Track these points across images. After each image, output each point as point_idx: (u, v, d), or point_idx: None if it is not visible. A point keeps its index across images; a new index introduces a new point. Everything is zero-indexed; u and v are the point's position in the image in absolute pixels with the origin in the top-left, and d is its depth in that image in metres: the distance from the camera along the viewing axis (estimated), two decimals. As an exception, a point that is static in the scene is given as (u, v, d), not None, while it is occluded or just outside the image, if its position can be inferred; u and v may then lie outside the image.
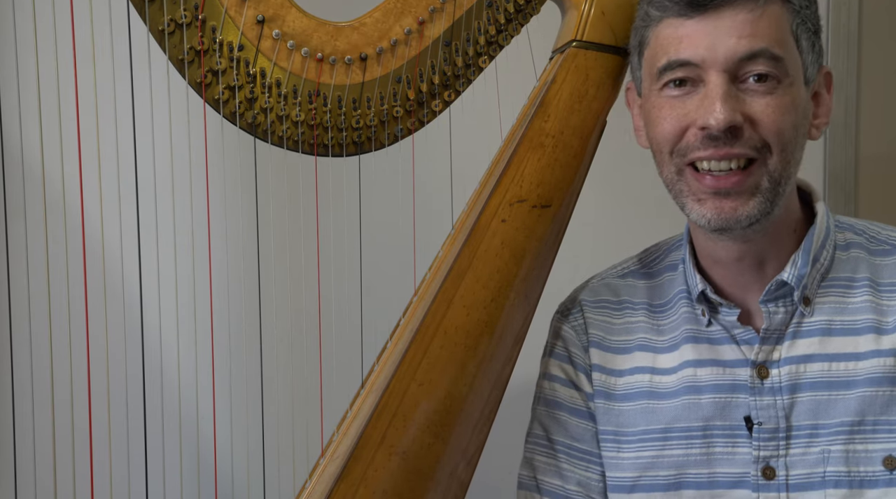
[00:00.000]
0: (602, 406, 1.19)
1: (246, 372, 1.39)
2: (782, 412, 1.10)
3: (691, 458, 1.13)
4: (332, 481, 1.09)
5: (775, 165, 1.06)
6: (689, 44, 1.06)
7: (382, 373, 1.14)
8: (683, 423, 1.14)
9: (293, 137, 1.17)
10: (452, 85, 1.23)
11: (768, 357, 1.12)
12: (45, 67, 1.13)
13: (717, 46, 1.05)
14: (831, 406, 1.10)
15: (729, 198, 1.07)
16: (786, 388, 1.11)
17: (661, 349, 1.18)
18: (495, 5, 1.23)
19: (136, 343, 1.28)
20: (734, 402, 1.12)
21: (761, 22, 1.05)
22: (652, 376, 1.17)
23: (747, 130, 1.05)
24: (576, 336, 1.22)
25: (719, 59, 1.05)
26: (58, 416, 1.23)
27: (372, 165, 1.21)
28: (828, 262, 1.14)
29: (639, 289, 1.23)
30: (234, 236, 1.40)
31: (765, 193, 1.07)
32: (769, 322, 1.12)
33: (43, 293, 1.30)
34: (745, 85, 1.06)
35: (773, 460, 1.10)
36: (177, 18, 1.11)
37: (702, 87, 1.07)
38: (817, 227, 1.13)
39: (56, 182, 1.20)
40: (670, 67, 1.08)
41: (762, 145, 1.06)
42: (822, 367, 1.11)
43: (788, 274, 1.11)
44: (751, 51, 1.04)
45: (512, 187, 1.20)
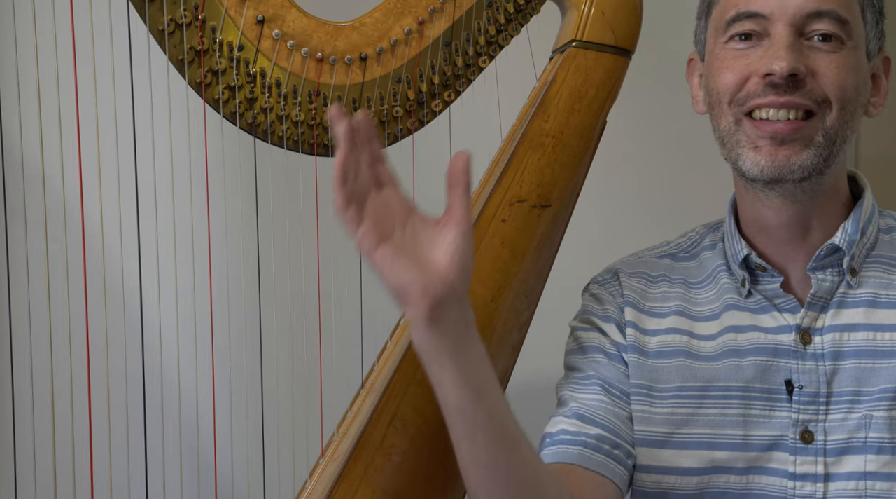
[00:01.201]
0: (634, 360, 1.18)
1: (246, 372, 1.39)
2: (824, 378, 1.10)
3: (728, 418, 1.13)
4: (332, 482, 1.09)
5: (833, 121, 1.08)
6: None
7: (382, 373, 1.14)
8: (722, 383, 1.14)
9: (293, 137, 1.17)
10: (452, 85, 1.23)
11: (812, 324, 1.12)
12: (44, 67, 1.13)
13: (787, 1, 1.07)
14: (875, 374, 1.10)
15: (784, 145, 1.08)
16: (829, 354, 1.11)
17: (700, 318, 1.18)
18: (495, 5, 1.23)
19: (136, 343, 1.28)
20: (775, 365, 1.12)
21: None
22: (690, 339, 1.17)
23: (809, 82, 1.07)
24: (612, 298, 1.22)
25: (788, 13, 1.07)
26: (58, 416, 1.22)
27: (372, 165, 1.21)
28: (873, 238, 1.15)
29: (676, 269, 1.23)
30: (234, 236, 1.39)
31: (819, 147, 1.08)
32: (817, 288, 1.12)
33: (43, 293, 1.30)
34: (809, 42, 1.08)
35: (811, 424, 1.10)
36: (177, 18, 1.11)
37: (767, 41, 1.08)
38: (865, 201, 1.15)
39: (56, 182, 1.20)
40: (738, 19, 1.10)
41: (823, 100, 1.07)
42: (866, 336, 1.11)
43: (840, 239, 1.11)
44: (819, 8, 1.07)
45: (512, 187, 1.20)
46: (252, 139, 1.16)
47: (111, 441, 1.25)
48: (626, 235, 1.81)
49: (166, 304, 1.40)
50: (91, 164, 1.15)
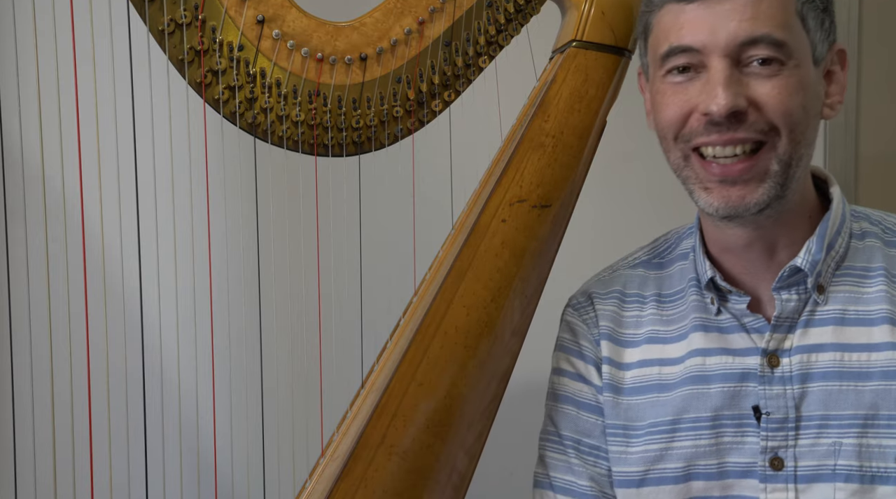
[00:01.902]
0: (610, 400, 1.17)
1: (246, 372, 1.39)
2: (792, 402, 1.09)
3: (700, 449, 1.12)
4: (332, 481, 1.09)
5: (785, 147, 1.05)
6: (690, 29, 1.05)
7: (382, 373, 1.14)
8: (692, 414, 1.12)
9: (293, 137, 1.17)
10: (452, 85, 1.23)
11: (779, 345, 1.10)
12: (45, 67, 1.13)
13: (718, 31, 1.03)
14: (843, 397, 1.08)
15: (736, 186, 1.05)
16: (797, 377, 1.09)
17: (670, 339, 1.17)
18: (495, 5, 1.23)
19: (136, 343, 1.28)
20: (743, 391, 1.11)
21: (762, 4, 1.03)
22: (661, 368, 1.16)
23: (752, 115, 1.04)
24: (587, 329, 1.21)
25: (720, 44, 1.03)
26: (58, 416, 1.22)
27: (372, 165, 1.21)
28: (843, 250, 1.12)
29: (650, 280, 1.21)
30: (234, 236, 1.40)
31: (775, 177, 1.05)
32: (781, 309, 1.10)
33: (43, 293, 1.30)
34: (748, 69, 1.04)
35: (781, 450, 1.09)
36: (177, 18, 1.11)
37: (704, 73, 1.05)
38: (833, 212, 1.11)
39: (56, 182, 1.20)
40: (672, 54, 1.07)
41: (769, 128, 1.04)
42: (834, 356, 1.08)
43: (802, 260, 1.08)
44: (752, 35, 1.03)
45: (512, 187, 1.20)
46: (252, 139, 1.16)
47: (111, 440, 1.25)
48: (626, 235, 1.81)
49: (166, 304, 1.40)
50: (91, 164, 1.15)
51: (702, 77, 1.05)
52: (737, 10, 1.03)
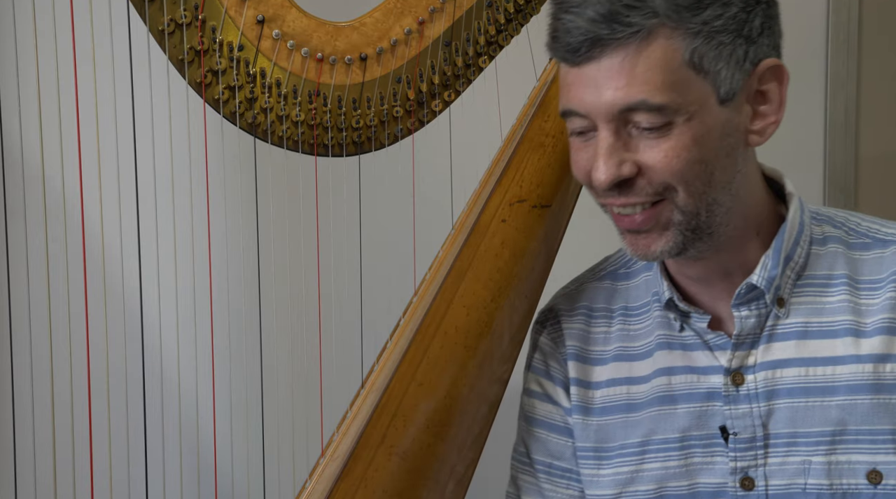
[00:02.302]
0: (580, 422, 1.16)
1: (246, 372, 1.39)
2: (759, 420, 1.07)
3: (670, 471, 1.10)
4: (333, 481, 1.09)
5: (684, 200, 1.01)
6: (575, 94, 1.01)
7: (382, 373, 1.14)
8: (660, 435, 1.11)
9: (293, 137, 1.17)
10: (452, 85, 1.23)
11: (743, 363, 1.08)
12: (44, 67, 1.13)
13: (597, 99, 0.99)
14: (810, 414, 1.06)
15: (641, 235, 1.04)
16: (762, 394, 1.07)
17: (636, 356, 1.15)
18: (495, 5, 1.23)
19: (136, 343, 1.28)
20: (710, 410, 1.09)
21: (638, 69, 0.97)
22: (629, 388, 1.14)
23: (641, 180, 1.00)
24: (554, 348, 1.19)
25: (601, 112, 0.99)
26: (58, 416, 1.22)
27: (372, 165, 1.21)
28: (803, 259, 1.09)
29: (617, 292, 1.19)
30: (234, 236, 1.40)
31: (679, 226, 1.02)
32: (741, 327, 1.08)
33: (43, 293, 1.30)
34: (636, 130, 1.00)
35: (751, 470, 1.07)
36: (177, 18, 1.11)
37: (596, 134, 1.02)
38: (789, 223, 1.08)
39: (56, 182, 1.20)
40: (566, 116, 1.04)
41: (664, 188, 1.01)
42: (798, 372, 1.06)
43: (758, 277, 1.06)
44: (627, 104, 0.98)
45: (512, 187, 1.20)
46: (252, 139, 1.16)
47: (111, 440, 1.25)
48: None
49: (166, 304, 1.40)
50: (91, 164, 1.15)
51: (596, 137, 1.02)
52: (612, 78, 0.98)
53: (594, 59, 0.99)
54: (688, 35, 0.98)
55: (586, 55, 0.99)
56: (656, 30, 0.97)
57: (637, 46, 0.97)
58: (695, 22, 0.98)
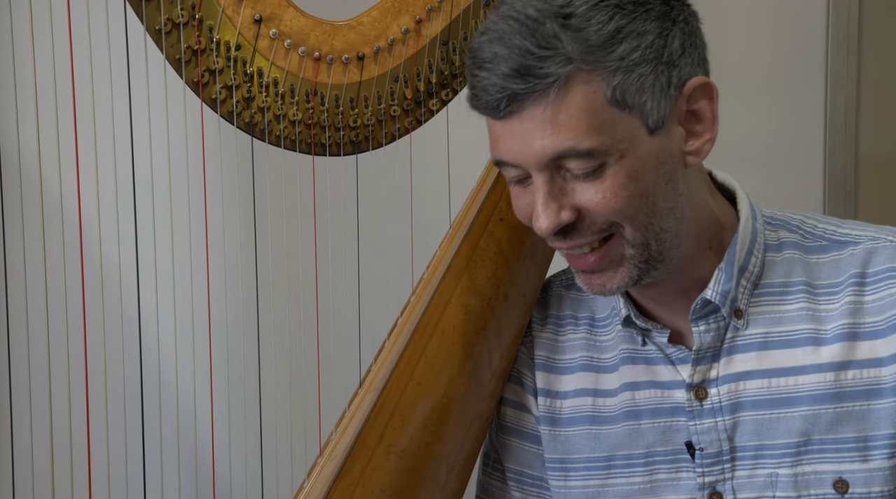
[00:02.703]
0: (547, 433, 1.15)
1: (244, 371, 1.39)
2: (724, 434, 1.06)
3: (635, 487, 1.10)
4: (330, 481, 1.09)
5: (631, 234, 1.00)
6: (504, 146, 1.00)
7: (380, 372, 1.14)
8: (624, 450, 1.10)
9: (290, 137, 1.17)
10: (450, 84, 1.22)
11: (705, 377, 1.07)
12: (41, 67, 1.13)
13: (525, 150, 0.98)
14: (774, 425, 1.05)
15: (595, 274, 1.03)
16: (726, 408, 1.06)
17: (603, 368, 1.14)
18: (492, 4, 1.23)
19: (134, 343, 1.28)
20: (674, 426, 1.08)
21: (561, 117, 0.95)
22: (595, 399, 1.14)
23: (583, 221, 1.00)
24: (526, 353, 1.19)
25: (532, 162, 0.98)
26: (55, 418, 1.22)
27: (369, 165, 1.21)
28: (758, 268, 1.08)
29: (584, 301, 1.18)
30: (232, 236, 1.40)
31: (632, 260, 1.01)
32: (700, 342, 1.07)
33: (40, 295, 1.30)
34: (570, 174, 0.99)
35: (719, 484, 1.06)
36: (174, 18, 1.11)
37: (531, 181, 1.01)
38: (740, 234, 1.06)
39: (53, 183, 1.20)
40: (499, 166, 1.04)
41: (608, 225, 1.00)
42: (760, 384, 1.06)
43: (712, 292, 1.05)
44: (556, 152, 0.96)
45: (510, 186, 1.20)
46: (249, 138, 1.16)
47: (109, 441, 1.25)
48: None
49: (163, 303, 1.40)
50: (88, 163, 1.15)
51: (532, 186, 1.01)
52: (536, 128, 0.96)
53: (515, 114, 0.97)
54: (606, 74, 0.96)
55: (507, 111, 0.97)
56: (573, 75, 0.95)
57: (556, 95, 0.95)
58: (611, 60, 0.96)
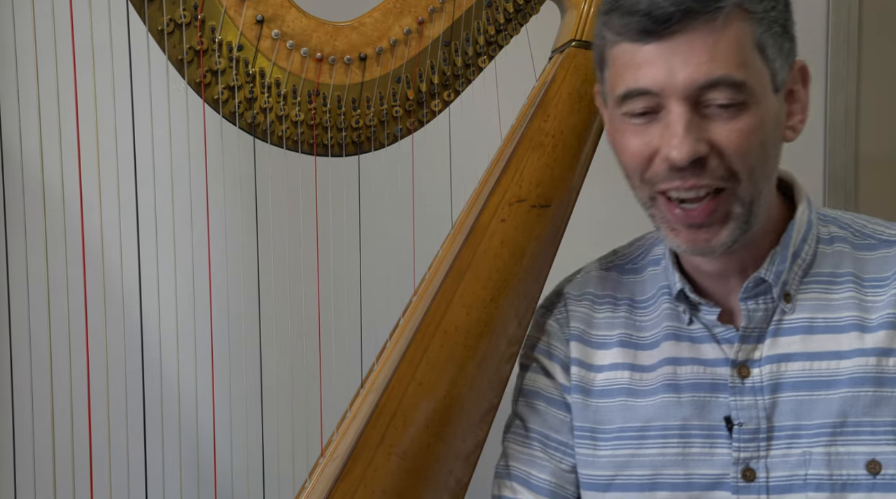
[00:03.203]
0: (579, 402, 1.16)
1: (245, 372, 1.39)
2: (763, 413, 1.08)
3: (667, 458, 1.11)
4: (332, 481, 1.09)
5: (745, 190, 1.03)
6: (647, 72, 1.00)
7: (382, 373, 1.14)
8: (661, 422, 1.12)
9: (293, 137, 1.17)
10: (452, 85, 1.23)
11: (749, 356, 1.09)
12: (44, 68, 1.13)
13: (676, 74, 0.99)
14: (813, 407, 1.07)
15: (702, 229, 1.04)
16: (767, 387, 1.08)
17: (642, 346, 1.16)
18: (494, 5, 1.23)
19: (136, 343, 1.29)
20: (714, 401, 1.10)
21: (720, 45, 0.99)
22: (632, 373, 1.15)
23: (713, 160, 1.01)
24: (559, 329, 1.20)
25: (679, 88, 0.99)
26: (57, 418, 1.23)
27: (371, 165, 1.21)
28: (810, 256, 1.11)
29: (623, 284, 1.20)
30: (234, 236, 1.40)
31: (738, 219, 1.04)
32: (748, 320, 1.09)
33: (42, 296, 1.31)
34: (708, 110, 1.00)
35: (753, 461, 1.08)
36: (176, 18, 1.11)
37: (664, 115, 1.01)
38: (797, 221, 1.10)
39: (55, 183, 1.20)
40: (629, 96, 1.02)
41: (730, 175, 1.02)
42: (803, 366, 1.08)
43: (766, 271, 1.08)
44: (710, 79, 0.99)
45: (511, 187, 1.20)
46: (251, 139, 1.16)
47: (111, 441, 1.25)
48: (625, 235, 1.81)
49: (166, 303, 1.40)
50: (90, 164, 1.15)
51: (661, 119, 1.02)
52: (694, 52, 0.98)
53: (678, 33, 0.99)
54: (755, 20, 1.01)
55: (671, 28, 0.98)
56: (735, 11, 1.00)
57: (722, 23, 0.99)
58: (759, 9, 1.01)
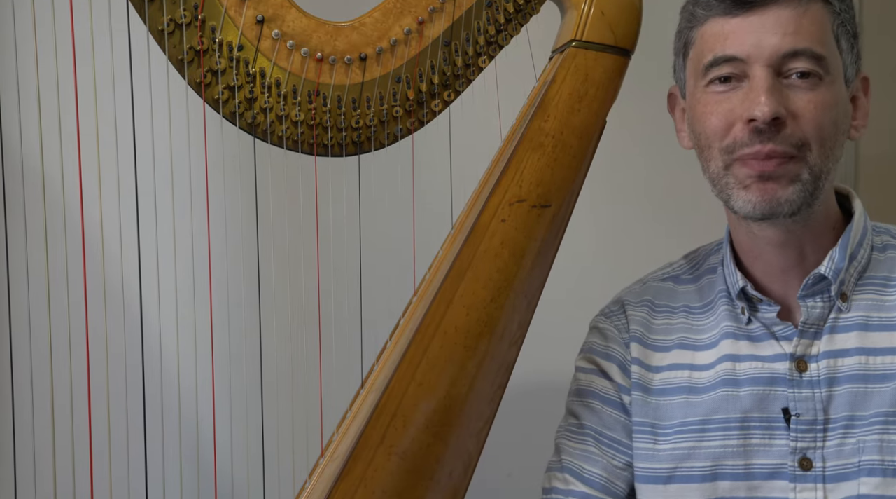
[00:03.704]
0: (639, 399, 1.20)
1: (246, 372, 1.39)
2: (820, 405, 1.12)
3: (728, 449, 1.15)
4: (332, 481, 1.09)
5: (815, 159, 1.09)
6: (735, 40, 1.09)
7: (382, 373, 1.14)
8: (721, 415, 1.16)
9: (293, 137, 1.17)
10: (452, 85, 1.23)
11: (807, 351, 1.14)
12: (44, 67, 1.13)
13: (762, 42, 1.08)
14: (868, 398, 1.11)
15: (772, 181, 1.09)
16: (824, 381, 1.12)
17: (700, 347, 1.20)
18: (495, 5, 1.23)
19: (136, 343, 1.28)
20: (772, 394, 1.14)
21: (804, 20, 1.09)
22: (691, 373, 1.19)
23: (790, 125, 1.08)
24: (618, 334, 1.24)
25: (764, 55, 1.08)
26: (57, 416, 1.22)
27: (372, 165, 1.21)
28: (865, 261, 1.16)
29: (679, 293, 1.25)
30: (234, 236, 1.40)
31: (805, 184, 1.09)
32: (807, 315, 1.14)
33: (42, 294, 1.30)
34: (787, 80, 1.09)
35: (810, 451, 1.12)
36: (176, 18, 1.11)
37: (746, 83, 1.09)
38: (854, 225, 1.16)
39: (56, 182, 1.20)
40: (716, 63, 1.11)
41: (802, 143, 1.09)
42: (859, 360, 1.12)
43: (826, 268, 1.13)
44: (794, 48, 1.08)
45: (511, 187, 1.20)
46: (252, 139, 1.16)
47: (111, 440, 1.25)
48: (626, 235, 1.81)
49: (166, 303, 1.40)
50: (91, 164, 1.15)
51: (743, 86, 1.10)
52: (781, 24, 1.08)
53: (767, 6, 1.09)
54: (833, 13, 1.11)
55: (759, 2, 1.08)
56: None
57: (806, 3, 1.09)
58: (837, 4, 1.11)
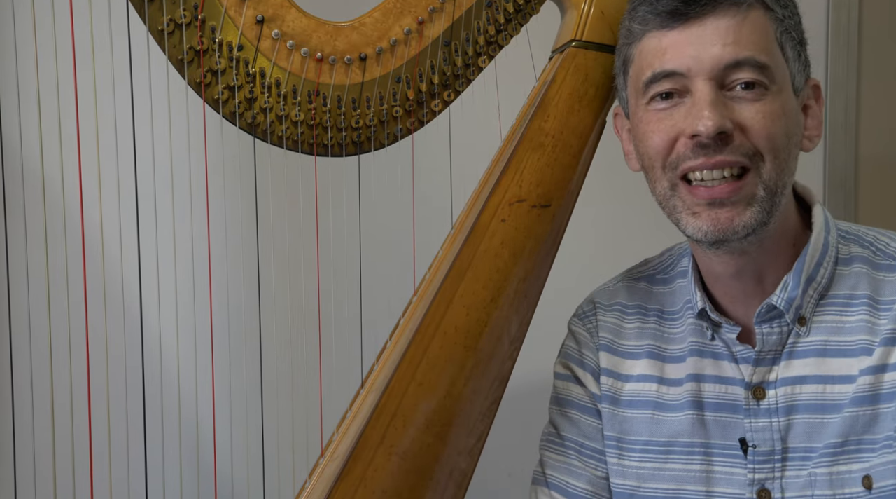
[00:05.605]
0: (607, 411, 1.19)
1: (246, 372, 1.39)
2: (778, 435, 1.09)
3: (691, 474, 1.13)
4: (332, 481, 1.09)
5: (769, 172, 1.04)
6: (674, 54, 1.05)
7: (382, 373, 1.14)
8: (686, 438, 1.14)
9: (293, 137, 1.17)
10: (452, 85, 1.23)
11: (764, 378, 1.11)
12: (44, 67, 1.13)
13: (702, 54, 1.04)
14: (822, 429, 1.08)
15: (724, 208, 1.05)
16: (782, 409, 1.09)
17: (669, 359, 1.18)
18: (495, 5, 1.23)
19: (136, 343, 1.29)
20: (734, 422, 1.12)
21: (744, 29, 1.04)
22: (659, 386, 1.17)
23: (738, 137, 1.03)
24: (589, 338, 1.23)
25: (705, 67, 1.03)
26: (57, 417, 1.23)
27: (372, 165, 1.21)
28: (826, 279, 1.11)
29: (653, 294, 1.22)
30: (234, 236, 1.40)
31: (761, 202, 1.05)
32: (762, 344, 1.10)
33: (42, 294, 1.31)
34: (732, 93, 1.04)
35: (768, 482, 1.09)
36: (176, 18, 1.11)
37: (689, 98, 1.05)
38: (812, 244, 1.10)
39: (56, 182, 1.20)
40: (656, 79, 1.07)
41: (754, 153, 1.04)
42: (816, 389, 1.09)
43: (778, 298, 1.09)
44: (736, 58, 1.03)
45: (511, 187, 1.20)
46: (252, 139, 1.16)
47: (111, 441, 1.25)
48: (626, 235, 1.81)
49: (166, 303, 1.40)
50: (91, 164, 1.15)
51: (686, 102, 1.05)
52: (720, 34, 1.04)
53: (706, 16, 1.04)
54: (775, 18, 1.06)
55: (699, 10, 1.04)
56: (756, 4, 1.05)
57: (746, 10, 1.04)
58: (779, 11, 1.07)
